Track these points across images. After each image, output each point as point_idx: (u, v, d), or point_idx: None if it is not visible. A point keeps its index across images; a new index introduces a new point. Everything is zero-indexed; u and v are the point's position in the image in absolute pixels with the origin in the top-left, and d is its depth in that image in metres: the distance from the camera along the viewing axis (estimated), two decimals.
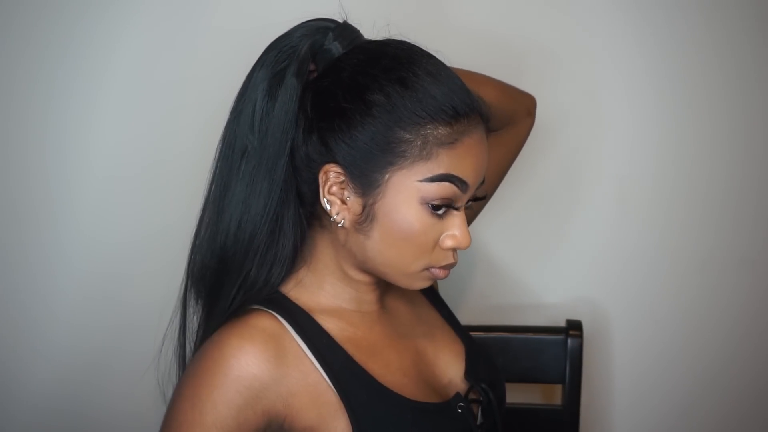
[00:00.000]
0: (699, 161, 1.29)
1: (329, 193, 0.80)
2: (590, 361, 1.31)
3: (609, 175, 1.30)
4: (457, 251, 0.83)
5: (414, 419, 0.82)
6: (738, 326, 1.34)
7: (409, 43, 0.83)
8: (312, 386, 0.80)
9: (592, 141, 1.29)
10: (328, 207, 0.80)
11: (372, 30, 0.85)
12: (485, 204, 1.09)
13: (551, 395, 1.36)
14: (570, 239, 1.33)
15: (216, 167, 0.83)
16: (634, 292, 1.34)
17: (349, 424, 0.79)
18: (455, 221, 0.80)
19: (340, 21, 0.83)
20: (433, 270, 0.82)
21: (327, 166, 0.79)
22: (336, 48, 0.81)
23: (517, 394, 1.30)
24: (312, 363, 0.80)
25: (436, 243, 0.80)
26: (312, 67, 0.82)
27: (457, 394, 0.89)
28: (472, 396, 0.90)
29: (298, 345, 0.81)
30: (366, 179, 0.78)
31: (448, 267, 0.83)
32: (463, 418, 0.87)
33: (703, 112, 1.28)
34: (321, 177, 0.80)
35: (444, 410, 0.86)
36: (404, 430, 0.82)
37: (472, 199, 0.82)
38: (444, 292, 1.07)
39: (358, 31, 0.84)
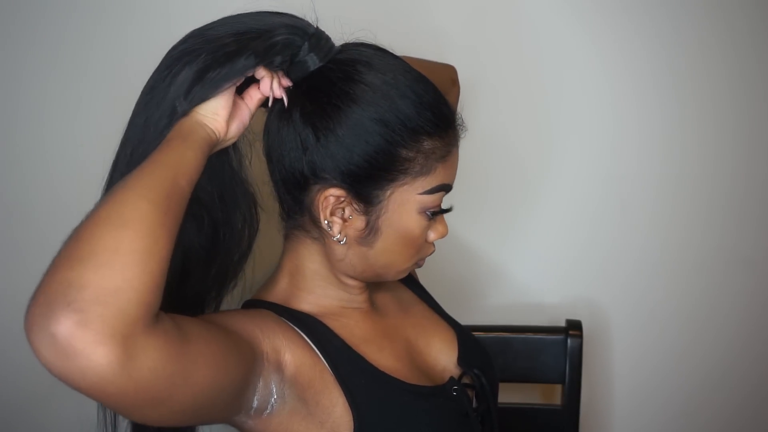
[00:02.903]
0: (699, 162, 1.29)
1: (331, 214, 0.80)
2: (590, 361, 1.31)
3: (609, 176, 1.31)
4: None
5: (412, 401, 0.83)
6: (738, 326, 1.34)
7: (382, 52, 0.81)
8: (310, 363, 0.79)
9: (592, 141, 1.30)
10: (330, 229, 0.80)
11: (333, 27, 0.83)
12: None
13: (551, 395, 1.36)
14: (570, 240, 1.33)
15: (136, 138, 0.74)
16: (633, 292, 1.34)
17: (348, 406, 0.79)
18: (439, 218, 0.85)
19: (314, 25, 0.79)
20: (418, 262, 0.87)
21: (328, 191, 0.78)
22: (312, 60, 0.78)
23: (517, 394, 1.30)
24: (311, 346, 0.80)
25: (425, 240, 0.84)
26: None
27: (452, 378, 0.90)
28: (465, 381, 0.91)
29: (296, 331, 0.81)
30: (368, 197, 0.79)
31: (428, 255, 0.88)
32: (458, 400, 0.88)
33: (704, 113, 1.28)
34: (321, 201, 0.79)
35: (440, 393, 0.87)
36: (403, 412, 0.82)
37: None
38: (445, 292, 1.08)
39: (331, 39, 0.80)
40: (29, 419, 1.30)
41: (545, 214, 1.32)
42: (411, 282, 1.01)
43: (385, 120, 0.76)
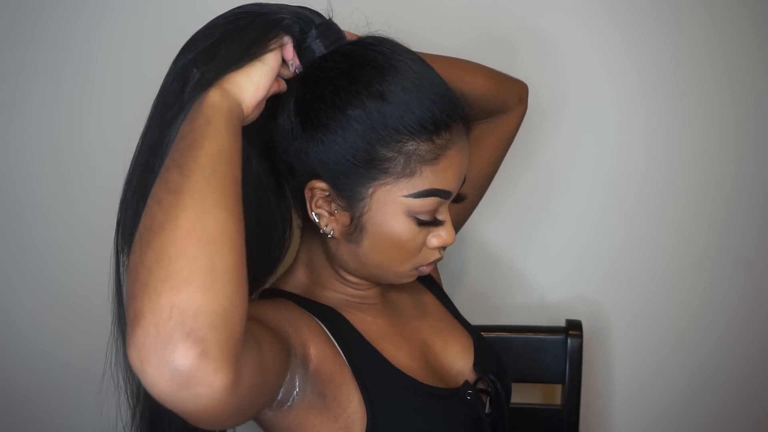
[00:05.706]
0: (697, 161, 1.29)
1: (316, 206, 0.80)
2: (590, 361, 1.31)
3: (608, 175, 1.30)
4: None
5: (425, 401, 0.83)
6: (739, 327, 1.34)
7: (390, 45, 0.80)
8: (332, 357, 0.79)
9: (591, 140, 1.29)
10: (317, 220, 0.80)
11: (363, 27, 0.84)
12: (482, 197, 1.09)
13: (551, 395, 1.36)
14: (570, 239, 1.33)
15: (154, 117, 0.73)
16: (633, 292, 1.34)
17: (362, 402, 0.79)
18: (444, 224, 0.82)
19: (325, 16, 0.79)
20: (420, 268, 0.84)
21: (312, 182, 0.79)
22: (318, 47, 0.78)
23: (517, 394, 1.29)
24: (331, 339, 0.80)
25: (423, 244, 0.82)
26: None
27: (466, 382, 0.90)
28: (480, 386, 0.91)
29: (318, 324, 0.81)
30: (350, 193, 0.78)
31: (435, 262, 0.84)
32: (472, 405, 0.88)
33: (697, 111, 1.28)
34: (306, 193, 0.80)
35: (453, 396, 0.87)
36: (416, 412, 0.82)
37: (454, 200, 0.83)
38: (445, 292, 1.07)
39: (341, 31, 0.80)
40: (29, 415, 1.30)
41: (545, 215, 1.32)
42: (432, 285, 1.01)
43: (366, 117, 0.75)
